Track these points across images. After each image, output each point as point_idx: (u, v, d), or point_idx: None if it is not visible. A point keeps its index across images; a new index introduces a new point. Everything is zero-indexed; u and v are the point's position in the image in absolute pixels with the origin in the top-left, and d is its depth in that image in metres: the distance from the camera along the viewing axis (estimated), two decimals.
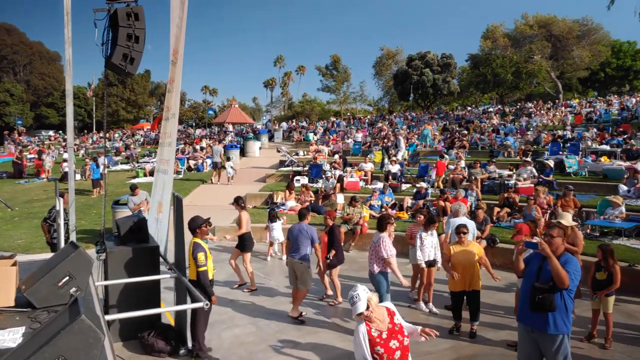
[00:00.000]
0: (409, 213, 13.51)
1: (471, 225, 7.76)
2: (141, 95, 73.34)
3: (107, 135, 44.35)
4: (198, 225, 5.95)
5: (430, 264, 7.61)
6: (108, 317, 4.71)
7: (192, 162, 23.29)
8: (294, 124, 44.27)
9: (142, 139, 40.34)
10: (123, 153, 31.23)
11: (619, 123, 24.51)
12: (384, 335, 3.52)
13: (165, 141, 6.06)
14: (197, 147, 27.43)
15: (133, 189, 12.13)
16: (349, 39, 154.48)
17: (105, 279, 6.23)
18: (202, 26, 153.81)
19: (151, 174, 20.08)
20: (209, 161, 23.33)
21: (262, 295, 8.48)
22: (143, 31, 5.90)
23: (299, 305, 7.34)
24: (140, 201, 11.89)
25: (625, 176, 13.62)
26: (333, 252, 7.80)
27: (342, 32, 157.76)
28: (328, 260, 7.74)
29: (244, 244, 8.74)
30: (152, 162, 22.97)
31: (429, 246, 7.61)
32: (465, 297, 6.63)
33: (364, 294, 3.52)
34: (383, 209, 13.60)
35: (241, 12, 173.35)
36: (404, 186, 16.32)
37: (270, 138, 34.20)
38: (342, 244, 11.89)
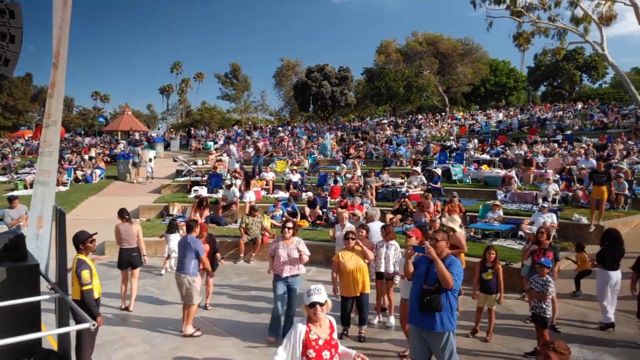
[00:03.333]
0: (309, 221, 13.77)
1: (377, 227, 8.09)
2: (21, 100, 66.86)
3: None
4: (82, 240, 5.55)
5: (379, 275, 7.40)
6: None
7: (79, 173, 21.64)
8: (192, 132, 42.99)
9: (22, 148, 36.73)
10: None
11: (497, 134, 27.05)
12: (321, 342, 3.60)
13: (46, 150, 5.57)
14: (86, 156, 25.57)
15: (11, 200, 11.04)
16: (249, 48, 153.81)
17: None
18: (92, 28, 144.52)
19: (32, 186, 18.43)
20: (98, 171, 21.88)
21: (156, 311, 8.10)
22: (20, 30, 5.41)
23: (191, 321, 7.04)
24: (19, 215, 10.87)
25: (505, 185, 15.01)
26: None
27: (242, 41, 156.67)
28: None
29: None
30: (33, 173, 21.02)
31: (380, 258, 7.34)
32: (354, 302, 6.86)
33: (324, 292, 3.65)
34: (284, 218, 13.68)
35: (135, 15, 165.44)
36: (304, 195, 16.57)
37: (166, 147, 32.82)
38: (243, 254, 11.87)
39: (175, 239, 10.43)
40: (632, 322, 7.07)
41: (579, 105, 38.80)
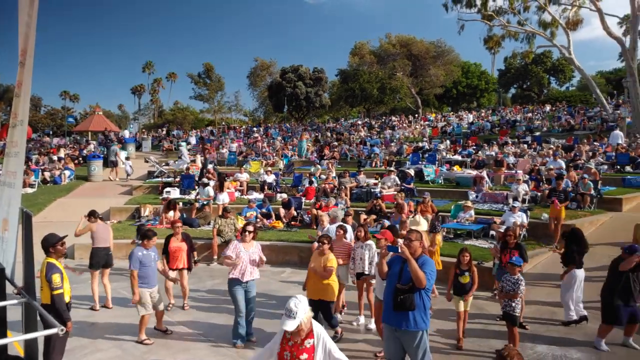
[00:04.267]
0: (284, 222, 13.73)
1: (350, 229, 8.09)
2: None
3: None
4: (52, 243, 5.40)
5: (359, 276, 7.41)
6: None
7: (47, 174, 21.07)
8: (164, 132, 42.39)
9: None
10: None
11: (468, 136, 27.50)
12: (290, 343, 3.61)
13: (12, 151, 5.40)
14: (55, 157, 24.91)
15: None
16: (222, 48, 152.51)
17: None
18: (61, 25, 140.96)
19: None
20: (67, 172, 21.35)
21: (127, 315, 7.93)
22: None
23: (142, 330, 6.81)
24: None
25: (476, 185, 15.24)
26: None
27: (215, 41, 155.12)
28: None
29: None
30: None
31: (357, 259, 7.37)
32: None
33: (302, 313, 3.47)
34: (258, 219, 13.62)
35: (105, 13, 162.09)
36: (279, 196, 16.52)
37: (138, 147, 32.26)
38: (216, 256, 11.74)
39: None
40: (599, 319, 7.25)
41: (547, 107, 39.78)
